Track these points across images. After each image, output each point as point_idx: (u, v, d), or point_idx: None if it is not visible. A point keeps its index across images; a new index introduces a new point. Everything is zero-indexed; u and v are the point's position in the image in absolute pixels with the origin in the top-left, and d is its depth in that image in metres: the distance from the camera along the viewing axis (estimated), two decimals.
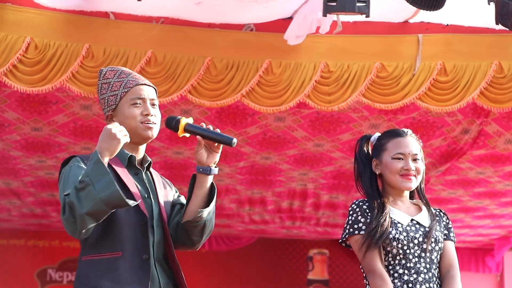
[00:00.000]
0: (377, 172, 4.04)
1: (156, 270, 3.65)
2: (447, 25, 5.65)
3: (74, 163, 3.64)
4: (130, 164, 3.68)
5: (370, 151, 4.10)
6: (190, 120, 3.66)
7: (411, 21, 5.64)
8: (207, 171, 3.66)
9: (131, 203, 3.46)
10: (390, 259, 3.93)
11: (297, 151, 7.29)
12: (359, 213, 3.96)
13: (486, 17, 5.08)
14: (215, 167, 3.65)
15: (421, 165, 3.99)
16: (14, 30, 5.37)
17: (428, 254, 3.94)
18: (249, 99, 5.59)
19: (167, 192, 3.81)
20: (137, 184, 3.66)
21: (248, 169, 7.70)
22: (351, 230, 3.94)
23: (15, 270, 10.52)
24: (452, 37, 5.69)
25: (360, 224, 3.93)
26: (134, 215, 3.63)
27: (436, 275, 3.96)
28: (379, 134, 4.10)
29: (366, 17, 4.81)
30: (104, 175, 3.42)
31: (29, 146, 7.19)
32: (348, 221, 3.96)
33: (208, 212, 3.66)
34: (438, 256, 3.98)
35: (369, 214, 3.94)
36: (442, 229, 4.03)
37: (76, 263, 10.29)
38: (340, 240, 4.01)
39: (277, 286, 10.49)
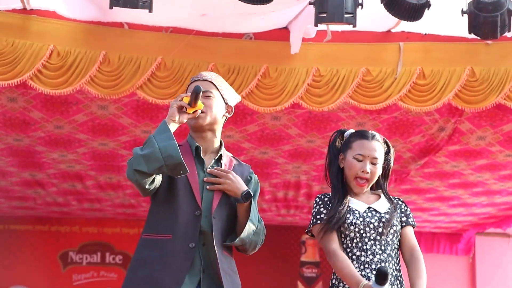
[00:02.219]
0: (341, 166, 4.03)
1: (201, 258, 3.64)
2: (426, 34, 5.63)
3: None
4: (197, 154, 3.69)
5: (340, 143, 4.10)
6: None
7: (393, 30, 5.63)
8: (238, 201, 3.70)
9: (184, 168, 3.50)
10: (348, 242, 3.92)
11: (291, 146, 7.28)
12: (321, 205, 3.97)
13: (460, 27, 5.07)
14: (243, 193, 3.67)
15: (379, 168, 3.98)
16: (39, 39, 5.37)
17: (383, 237, 3.92)
18: (248, 101, 5.57)
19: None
20: (198, 173, 3.66)
21: (247, 163, 7.67)
22: (314, 220, 3.96)
23: (40, 252, 10.53)
24: (430, 45, 5.68)
25: (322, 215, 3.94)
26: (189, 204, 3.64)
27: (393, 256, 3.94)
28: (353, 131, 4.08)
29: (353, 27, 4.77)
30: (166, 132, 3.51)
31: (52, 142, 7.19)
32: (312, 213, 3.97)
33: (240, 239, 3.70)
34: (394, 239, 3.95)
35: (329, 205, 3.95)
36: (399, 215, 4.00)
37: (94, 247, 10.32)
38: (307, 230, 4.02)
39: (274, 267, 10.49)
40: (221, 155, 3.75)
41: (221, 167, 3.72)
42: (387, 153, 4.04)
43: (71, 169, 8.13)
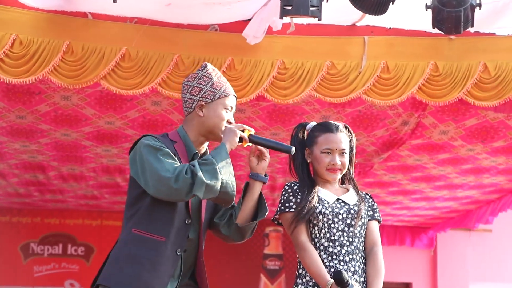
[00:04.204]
0: (308, 161, 4.05)
1: (181, 265, 3.68)
2: (390, 28, 5.65)
3: (155, 141, 3.64)
4: (192, 160, 3.67)
5: (305, 138, 4.09)
6: (252, 131, 3.78)
7: (358, 24, 5.64)
8: (256, 177, 3.76)
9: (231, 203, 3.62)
10: (316, 232, 3.93)
11: None
12: (290, 193, 3.98)
13: (424, 22, 5.11)
14: (265, 175, 3.76)
15: (347, 158, 4.00)
16: (1, 28, 5.31)
17: (351, 229, 3.94)
18: None
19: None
20: None
21: None
22: (282, 208, 3.96)
23: (1, 244, 10.43)
24: (394, 39, 5.71)
25: (291, 203, 3.94)
26: (182, 211, 3.66)
27: (360, 248, 3.96)
28: (315, 123, 4.09)
29: (318, 20, 4.80)
30: (229, 165, 3.58)
31: (14, 132, 7.13)
32: (280, 201, 3.97)
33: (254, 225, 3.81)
34: (362, 231, 3.97)
35: (299, 194, 3.96)
36: (366, 209, 4.02)
37: (56, 238, 10.16)
38: (273, 218, 4.04)
39: (237, 260, 10.50)
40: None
41: None
42: (350, 140, 4.06)
43: (33, 160, 8.07)
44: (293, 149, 3.75)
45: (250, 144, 3.75)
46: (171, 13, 5.42)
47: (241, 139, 3.72)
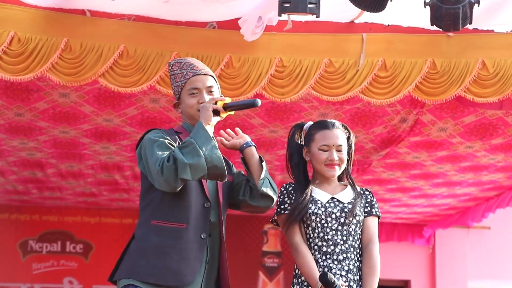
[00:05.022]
0: (306, 159, 4.08)
1: (207, 249, 3.71)
2: (388, 25, 5.64)
3: (154, 133, 3.68)
4: None
5: (302, 138, 4.12)
6: (227, 100, 3.72)
7: (356, 21, 5.62)
8: (247, 144, 3.86)
9: (224, 177, 3.61)
10: (310, 232, 3.96)
11: (254, 136, 7.28)
12: (285, 195, 4.01)
13: (422, 19, 5.09)
14: (251, 145, 3.85)
15: (345, 154, 4.02)
16: None
17: (345, 227, 3.95)
18: None
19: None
20: None
21: None
22: (278, 210, 4.00)
23: None
24: (392, 37, 5.69)
25: (286, 205, 3.98)
26: (199, 195, 3.68)
27: (355, 246, 3.97)
28: (312, 123, 4.12)
29: (316, 17, 4.79)
30: (208, 139, 3.55)
31: (13, 130, 7.13)
32: (277, 203, 4.00)
33: (264, 178, 3.84)
34: (357, 229, 3.97)
35: (293, 195, 3.99)
36: (363, 205, 4.03)
37: (55, 235, 10.16)
38: (271, 220, 4.09)
39: (235, 257, 10.49)
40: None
41: None
42: (348, 138, 4.08)
43: (31, 157, 8.07)
44: (258, 101, 3.73)
45: (229, 113, 3.72)
46: (169, 10, 5.41)
47: (218, 112, 3.69)
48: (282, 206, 3.99)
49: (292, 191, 4.00)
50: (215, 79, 3.87)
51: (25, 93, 6.31)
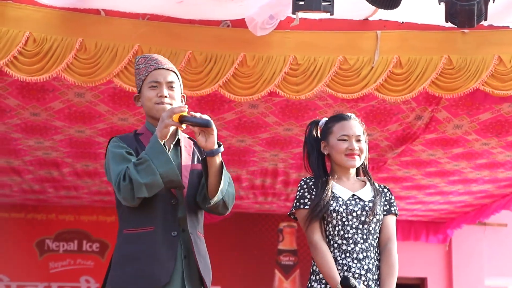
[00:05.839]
0: (325, 153, 4.06)
1: (181, 245, 3.65)
2: (403, 22, 5.62)
3: (115, 143, 3.67)
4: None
5: (319, 135, 4.11)
6: (184, 111, 3.56)
7: (370, 19, 5.61)
8: (211, 154, 3.60)
9: (181, 187, 3.57)
10: (330, 229, 3.93)
11: (269, 134, 7.28)
12: (305, 189, 3.99)
13: (436, 15, 5.08)
14: (219, 145, 3.59)
15: (364, 145, 4.02)
16: (15, 25, 5.31)
17: (366, 226, 3.93)
18: (225, 89, 5.54)
19: (194, 164, 3.77)
20: None
21: (225, 151, 7.67)
22: (297, 204, 3.97)
23: (16, 240, 10.48)
24: (406, 33, 5.67)
25: (306, 200, 3.95)
26: (166, 194, 3.63)
27: (374, 245, 3.95)
28: (327, 119, 4.12)
29: (330, 15, 4.79)
30: (162, 154, 3.49)
31: (28, 129, 7.16)
32: (296, 196, 3.98)
33: (221, 191, 3.64)
34: (377, 228, 3.96)
35: (314, 190, 3.96)
36: (383, 204, 4.01)
37: (71, 235, 10.23)
38: (289, 213, 4.05)
39: (251, 255, 10.50)
40: (178, 139, 3.74)
41: (180, 150, 3.72)
42: (363, 132, 4.08)
43: (47, 156, 8.10)
44: (212, 122, 3.52)
45: (184, 126, 3.58)
46: (183, 9, 5.40)
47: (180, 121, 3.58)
48: (302, 201, 3.96)
49: (312, 186, 3.98)
50: (178, 75, 3.81)
51: (40, 93, 6.33)
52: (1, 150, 7.87)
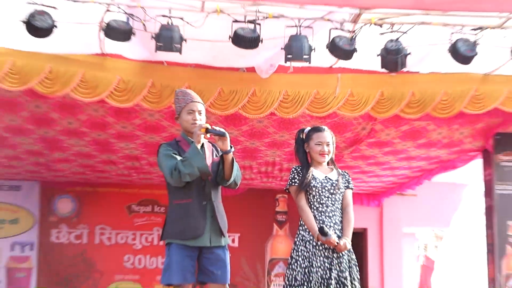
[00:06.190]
0: (307, 151, 3.97)
1: (208, 210, 3.59)
2: (354, 68, 5.51)
3: (164, 148, 3.64)
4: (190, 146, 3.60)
5: (303, 138, 4.01)
6: (208, 126, 3.58)
7: (334, 66, 5.49)
8: (226, 153, 3.57)
9: (209, 174, 3.55)
10: (311, 198, 3.84)
11: (270, 139, 7.18)
12: (295, 173, 3.91)
13: (376, 64, 4.93)
14: (231, 147, 3.54)
15: (332, 147, 3.93)
16: (110, 72, 5.27)
17: (333, 196, 3.85)
18: (242, 111, 5.46)
19: (214, 158, 3.70)
20: None
21: (242, 149, 7.56)
22: (290, 182, 3.90)
23: (114, 206, 10.38)
24: (357, 75, 5.55)
25: (296, 180, 3.88)
26: (198, 178, 3.57)
27: (339, 208, 3.87)
28: (309, 128, 4.02)
29: (308, 63, 4.67)
30: (199, 155, 3.47)
31: (120, 137, 7.04)
32: (289, 177, 3.90)
33: (233, 175, 3.62)
34: (340, 197, 3.88)
35: (300, 174, 3.89)
36: (343, 182, 3.93)
37: (147, 202, 10.02)
38: (285, 188, 3.97)
39: (258, 215, 10.40)
40: (203, 143, 3.64)
41: (204, 151, 3.62)
42: (332, 138, 4.00)
43: (131, 153, 7.97)
44: (226, 133, 3.56)
45: (209, 135, 3.58)
46: (216, 60, 5.35)
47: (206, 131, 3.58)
48: (293, 180, 3.90)
49: (299, 171, 3.92)
50: (203, 105, 3.80)
51: (131, 115, 6.18)
52: (104, 150, 7.76)
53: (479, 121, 6.49)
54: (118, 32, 4.45)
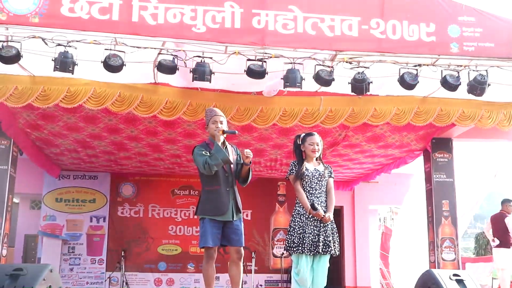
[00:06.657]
0: (303, 150, 3.98)
1: (231, 195, 3.65)
2: (333, 92, 5.55)
3: (198, 148, 3.70)
4: (217, 147, 3.66)
5: (299, 141, 4.02)
6: (225, 128, 3.71)
7: (319, 90, 5.52)
8: (245, 165, 3.69)
9: (231, 163, 3.60)
10: (304, 184, 3.86)
11: (273, 142, 7.21)
12: (293, 166, 3.93)
13: (347, 89, 4.98)
14: (250, 162, 3.66)
15: (320, 147, 3.95)
16: (160, 96, 5.30)
17: (320, 182, 3.87)
18: (253, 123, 5.52)
19: (234, 156, 3.77)
20: None
21: (253, 150, 7.60)
22: (289, 173, 3.92)
23: (162, 190, 10.42)
24: (335, 97, 5.59)
25: (293, 171, 3.89)
26: (222, 170, 3.64)
27: (324, 191, 3.88)
28: (304, 134, 4.03)
29: (300, 89, 4.72)
30: (221, 150, 3.55)
31: (166, 141, 7.08)
32: (289, 169, 3.92)
33: (249, 179, 3.73)
34: (325, 183, 3.89)
35: (297, 166, 3.91)
36: (327, 172, 3.94)
37: (186, 187, 10.03)
38: (286, 177, 3.99)
39: (264, 197, 10.41)
40: (226, 146, 3.76)
41: (227, 149, 3.75)
42: (320, 140, 4.02)
43: (175, 152, 8.04)
44: (236, 132, 3.74)
45: (225, 135, 3.71)
46: (234, 86, 5.39)
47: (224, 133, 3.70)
48: (292, 171, 3.93)
49: (296, 164, 3.95)
50: (224, 117, 3.87)
51: (170, 125, 6.28)
52: (155, 150, 7.82)
53: (421, 129, 6.55)
54: (167, 68, 4.60)
